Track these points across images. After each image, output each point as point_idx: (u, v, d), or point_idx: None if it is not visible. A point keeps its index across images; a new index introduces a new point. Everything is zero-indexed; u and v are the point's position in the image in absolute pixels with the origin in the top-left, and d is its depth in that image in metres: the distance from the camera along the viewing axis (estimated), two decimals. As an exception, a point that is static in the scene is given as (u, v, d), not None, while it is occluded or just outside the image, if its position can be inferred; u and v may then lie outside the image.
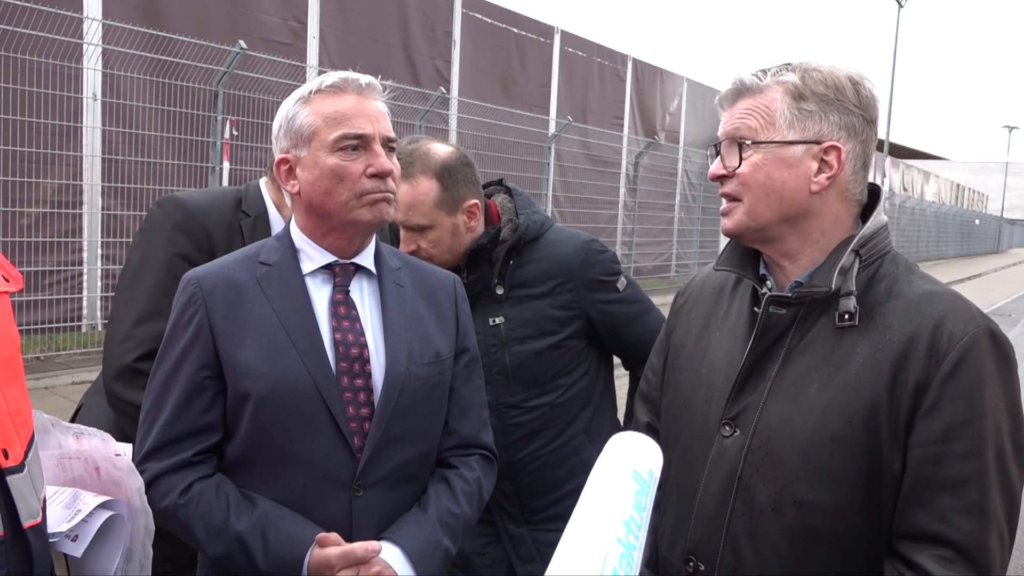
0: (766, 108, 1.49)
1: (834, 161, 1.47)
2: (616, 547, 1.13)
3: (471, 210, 2.24)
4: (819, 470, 1.41)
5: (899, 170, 37.63)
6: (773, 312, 1.50)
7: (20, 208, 7.47)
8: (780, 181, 1.48)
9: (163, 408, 1.66)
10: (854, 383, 1.41)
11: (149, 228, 2.16)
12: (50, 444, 1.43)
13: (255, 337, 1.66)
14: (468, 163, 2.26)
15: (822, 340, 1.46)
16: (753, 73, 1.52)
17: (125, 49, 8.00)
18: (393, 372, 1.70)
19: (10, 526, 1.16)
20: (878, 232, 1.51)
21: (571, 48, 16.23)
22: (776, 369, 1.49)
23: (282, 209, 2.26)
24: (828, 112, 1.47)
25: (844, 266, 1.45)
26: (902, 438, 1.38)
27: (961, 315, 1.40)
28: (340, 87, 1.69)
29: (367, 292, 1.77)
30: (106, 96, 8.10)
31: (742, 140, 1.49)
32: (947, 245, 40.87)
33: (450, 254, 2.24)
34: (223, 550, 1.61)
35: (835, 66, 1.51)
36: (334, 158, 1.66)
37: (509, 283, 2.28)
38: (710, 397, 1.57)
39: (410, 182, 2.16)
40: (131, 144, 8.28)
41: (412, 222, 2.19)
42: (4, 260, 1.29)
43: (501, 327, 2.27)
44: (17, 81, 7.21)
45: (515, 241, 2.28)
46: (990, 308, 19.34)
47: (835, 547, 1.41)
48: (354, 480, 1.66)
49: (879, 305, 1.45)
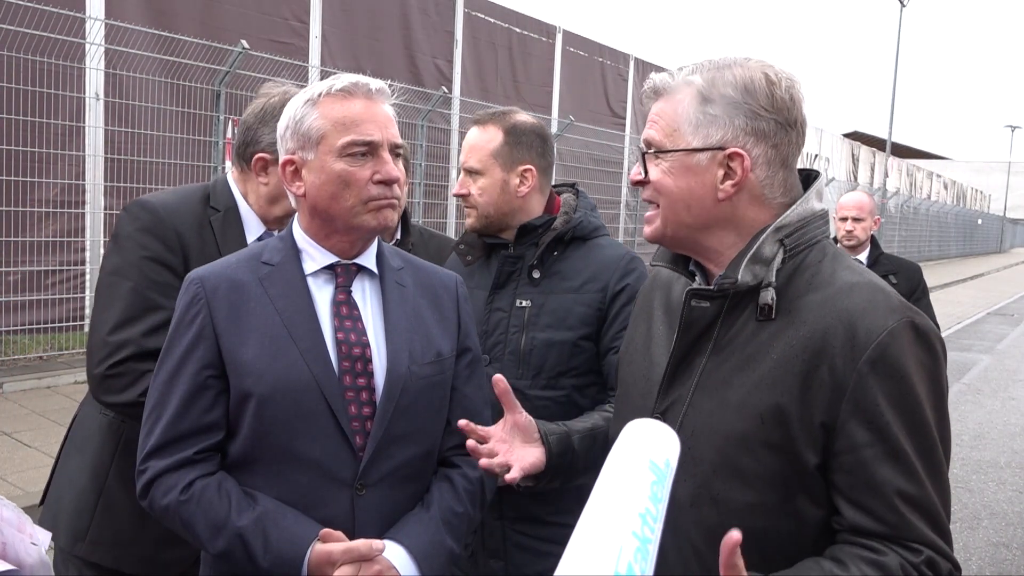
0: (672, 113, 1.46)
1: (738, 168, 1.42)
2: (632, 541, 1.08)
3: (525, 174, 2.33)
4: (733, 468, 1.38)
5: (901, 169, 37.60)
6: (695, 305, 1.46)
7: (23, 208, 7.47)
8: (687, 189, 1.44)
9: (166, 407, 1.66)
10: (768, 380, 1.37)
11: (119, 234, 2.15)
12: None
13: (258, 336, 1.66)
14: (543, 137, 2.39)
15: (744, 334, 1.42)
16: (668, 72, 1.49)
17: (127, 49, 8.00)
18: (395, 371, 1.70)
19: None
20: (808, 221, 1.45)
21: (573, 48, 16.22)
22: (703, 363, 1.46)
23: (250, 199, 2.25)
24: (734, 116, 1.42)
25: (764, 256, 1.40)
26: (819, 437, 1.33)
27: (879, 309, 1.34)
28: (350, 91, 1.69)
29: (369, 292, 1.77)
30: (108, 96, 8.10)
31: (647, 150, 1.48)
32: (949, 245, 40.80)
33: (494, 209, 2.33)
34: (224, 546, 1.61)
35: (762, 63, 1.45)
36: (342, 163, 1.66)
37: (546, 271, 2.33)
38: (647, 390, 1.55)
39: (482, 127, 2.36)
40: (133, 144, 8.28)
41: (468, 164, 2.36)
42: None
43: (526, 310, 2.31)
44: (20, 81, 7.21)
45: (565, 231, 2.33)
46: (992, 308, 19.31)
47: (752, 546, 1.35)
48: (356, 479, 1.67)
49: (798, 298, 1.40)
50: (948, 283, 23.05)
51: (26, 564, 1.35)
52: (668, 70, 1.51)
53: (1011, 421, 8.55)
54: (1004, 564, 5.05)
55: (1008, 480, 6.62)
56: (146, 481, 1.65)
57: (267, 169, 2.21)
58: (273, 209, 2.25)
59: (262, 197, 2.24)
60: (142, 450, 1.68)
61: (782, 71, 1.45)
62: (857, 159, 33.00)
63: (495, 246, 2.40)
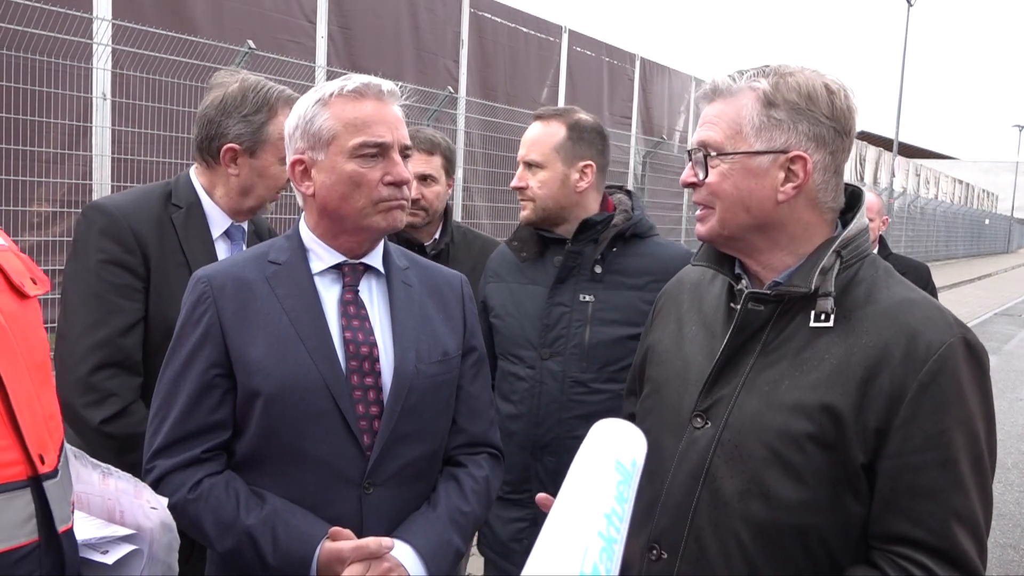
0: (735, 115, 1.48)
1: (800, 171, 1.47)
2: (597, 541, 1.10)
3: (584, 170, 2.39)
4: (785, 465, 1.42)
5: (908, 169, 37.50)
6: (752, 308, 1.51)
7: (30, 207, 7.50)
8: (747, 191, 1.48)
9: (173, 406, 1.67)
10: (825, 383, 1.41)
11: (77, 239, 2.15)
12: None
13: (265, 335, 1.66)
14: (604, 136, 2.47)
15: (797, 339, 1.47)
16: (729, 75, 1.51)
17: (134, 49, 8.02)
18: (402, 371, 1.70)
19: (45, 531, 1.17)
20: (859, 235, 1.52)
21: (579, 47, 16.21)
22: (751, 364, 1.50)
23: (214, 194, 2.23)
24: (797, 122, 1.46)
25: (825, 267, 1.46)
26: (871, 442, 1.38)
27: (938, 325, 1.41)
28: (361, 92, 1.69)
29: (376, 292, 1.78)
30: (116, 96, 8.12)
31: (708, 151, 1.50)
32: (957, 245, 40.66)
33: (553, 203, 2.38)
34: (232, 545, 1.61)
35: (817, 72, 1.49)
36: (352, 164, 1.66)
37: (608, 267, 2.37)
38: (683, 390, 1.58)
39: (545, 122, 2.42)
40: (141, 144, 8.29)
41: (529, 157, 2.41)
42: (31, 262, 1.29)
43: (590, 305, 2.36)
44: (27, 81, 7.23)
45: (625, 228, 2.38)
46: (1000, 308, 19.24)
47: (797, 541, 1.43)
48: (364, 478, 1.67)
49: (856, 309, 1.46)
50: (955, 283, 22.98)
51: (145, 528, 1.41)
52: (723, 75, 1.52)
53: (1018, 422, 8.53)
54: (1011, 565, 5.04)
55: (1015, 482, 6.60)
56: (153, 480, 1.65)
57: (237, 160, 2.19)
58: (245, 200, 2.23)
59: (233, 189, 2.22)
60: (148, 449, 1.69)
61: (838, 80, 1.50)
62: (864, 159, 32.93)
63: (549, 242, 2.42)
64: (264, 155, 2.19)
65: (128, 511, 1.43)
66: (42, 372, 1.23)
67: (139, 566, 1.39)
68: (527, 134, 2.45)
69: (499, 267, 2.58)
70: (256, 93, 2.19)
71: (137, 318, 2.07)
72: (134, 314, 2.07)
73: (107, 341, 2.03)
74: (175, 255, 2.12)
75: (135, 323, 2.06)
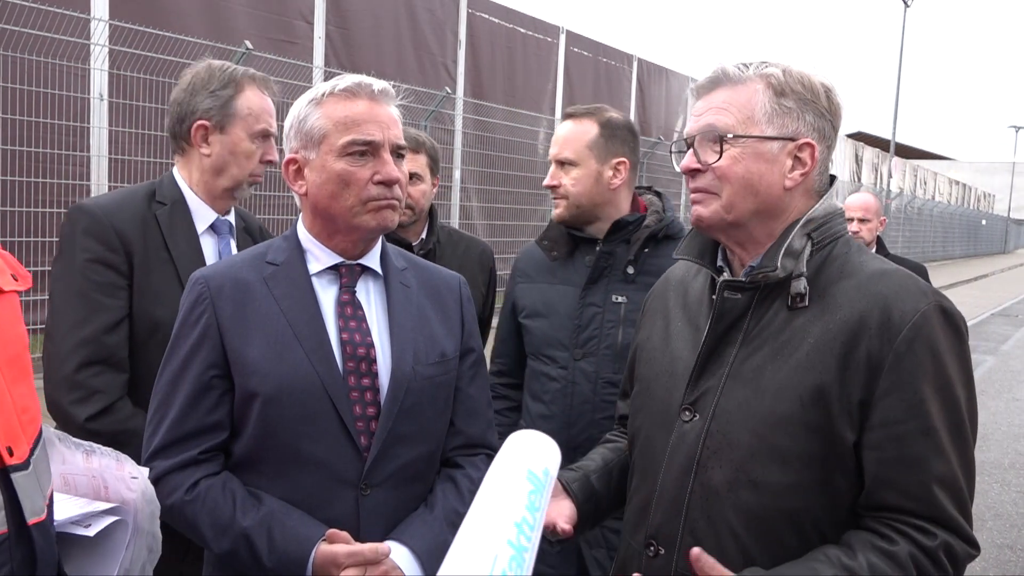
0: (745, 102, 1.50)
1: (807, 158, 1.50)
2: (506, 549, 1.12)
3: (618, 167, 2.38)
4: (772, 450, 1.43)
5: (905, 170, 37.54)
6: (728, 297, 1.52)
7: (27, 208, 7.49)
8: (758, 175, 1.49)
9: (171, 406, 1.67)
10: (806, 363, 1.42)
11: (62, 240, 2.15)
12: (54, 458, 1.43)
13: (262, 336, 1.66)
14: (635, 134, 2.47)
15: (776, 323, 1.48)
16: (736, 64, 1.53)
17: (132, 49, 8.02)
18: (399, 372, 1.70)
19: (14, 523, 1.16)
20: (832, 216, 1.53)
21: (576, 48, 16.20)
22: (734, 353, 1.51)
23: (194, 180, 2.23)
24: (804, 111, 1.50)
25: (795, 248, 1.47)
26: (856, 415, 1.39)
27: (911, 293, 1.42)
28: (353, 91, 1.69)
29: (373, 293, 1.78)
30: (113, 96, 8.11)
31: (722, 134, 1.50)
32: (953, 245, 40.72)
33: (587, 200, 2.37)
34: (228, 546, 1.61)
35: (811, 69, 1.53)
36: (342, 163, 1.66)
37: (641, 268, 2.36)
38: (671, 385, 1.59)
39: (577, 120, 2.41)
40: (138, 144, 8.29)
41: (562, 155, 2.39)
42: (12, 259, 1.30)
43: (623, 306, 2.35)
44: (24, 82, 7.23)
45: (657, 229, 2.37)
46: (997, 309, 19.27)
47: (789, 526, 1.43)
48: (361, 479, 1.67)
49: (830, 285, 1.47)
50: (952, 284, 23.00)
51: (128, 500, 1.42)
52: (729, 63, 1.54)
53: (1015, 422, 8.53)
54: (1008, 565, 5.04)
55: (1012, 482, 6.61)
56: (151, 479, 1.65)
57: (208, 138, 2.19)
58: (219, 181, 2.21)
59: (207, 171, 2.21)
60: (146, 449, 1.69)
61: (827, 80, 1.53)
62: (861, 160, 32.96)
63: (579, 241, 2.41)
64: (234, 130, 2.19)
65: (112, 486, 1.44)
66: (16, 366, 1.23)
67: (124, 537, 1.40)
68: (558, 132, 2.45)
69: (527, 267, 2.57)
70: (223, 71, 2.22)
71: (122, 315, 2.07)
72: (118, 311, 2.07)
73: (92, 339, 2.03)
74: (159, 252, 2.13)
75: (119, 320, 2.07)
